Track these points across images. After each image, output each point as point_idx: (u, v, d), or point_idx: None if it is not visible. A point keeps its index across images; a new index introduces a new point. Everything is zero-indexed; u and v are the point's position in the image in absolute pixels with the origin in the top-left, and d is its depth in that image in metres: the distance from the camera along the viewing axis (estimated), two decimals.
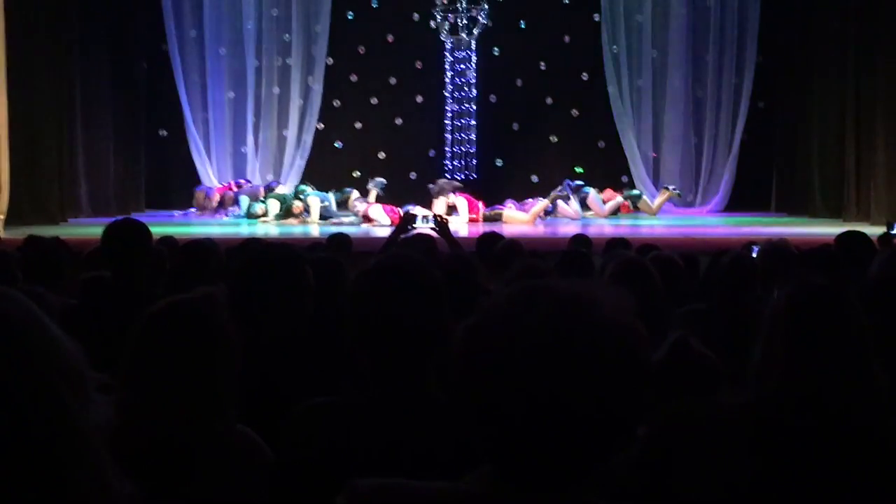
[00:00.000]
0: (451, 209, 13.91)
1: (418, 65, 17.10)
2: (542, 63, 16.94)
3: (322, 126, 16.58)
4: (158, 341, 2.32)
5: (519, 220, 13.87)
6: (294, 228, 13.67)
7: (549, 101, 16.65)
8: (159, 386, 2.29)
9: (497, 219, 13.96)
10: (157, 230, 7.01)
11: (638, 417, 1.38)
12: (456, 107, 16.53)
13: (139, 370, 2.31)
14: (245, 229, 13.22)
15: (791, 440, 2.15)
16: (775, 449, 2.15)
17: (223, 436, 2.34)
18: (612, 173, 16.11)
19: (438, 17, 16.23)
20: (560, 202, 14.47)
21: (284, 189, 15.21)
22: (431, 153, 16.58)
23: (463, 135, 16.09)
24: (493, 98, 16.80)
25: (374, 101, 16.47)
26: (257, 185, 15.52)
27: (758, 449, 2.16)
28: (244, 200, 15.06)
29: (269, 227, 13.73)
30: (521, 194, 14.98)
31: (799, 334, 2.18)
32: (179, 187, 17.24)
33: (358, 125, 16.33)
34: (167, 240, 6.71)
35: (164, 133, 17.01)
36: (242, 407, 2.42)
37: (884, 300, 3.25)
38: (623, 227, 13.40)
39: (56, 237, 6.66)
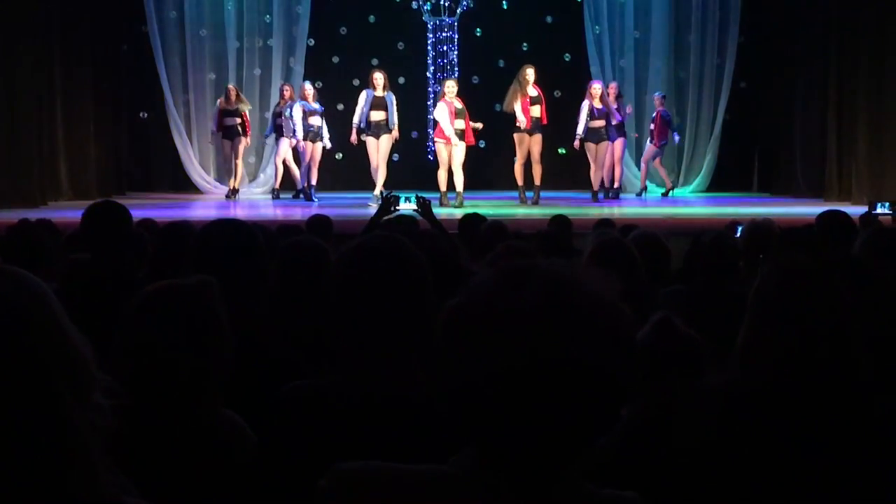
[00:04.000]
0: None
1: (400, 46, 17.05)
2: (525, 44, 16.91)
3: None
4: (151, 323, 2.30)
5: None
6: (271, 211, 13.58)
7: None
8: (150, 369, 2.27)
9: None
10: (138, 213, 6.98)
11: (623, 397, 1.37)
12: (438, 88, 16.48)
13: (130, 351, 2.29)
14: (221, 212, 13.12)
15: (777, 419, 2.15)
16: (761, 428, 2.15)
17: (208, 420, 2.33)
18: None
19: None
20: None
21: None
22: (414, 134, 16.55)
23: None
24: (475, 79, 16.78)
25: (355, 82, 16.40)
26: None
27: (744, 429, 2.16)
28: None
29: (244, 209, 13.64)
30: (505, 175, 14.94)
31: (787, 314, 2.18)
32: (161, 170, 17.17)
33: (340, 107, 16.26)
34: (147, 222, 6.67)
35: (144, 115, 16.92)
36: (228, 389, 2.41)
37: (867, 279, 3.25)
38: (605, 207, 13.41)
39: (40, 219, 6.62)
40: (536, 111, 13.68)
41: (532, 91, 13.68)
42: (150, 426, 2.24)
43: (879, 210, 8.41)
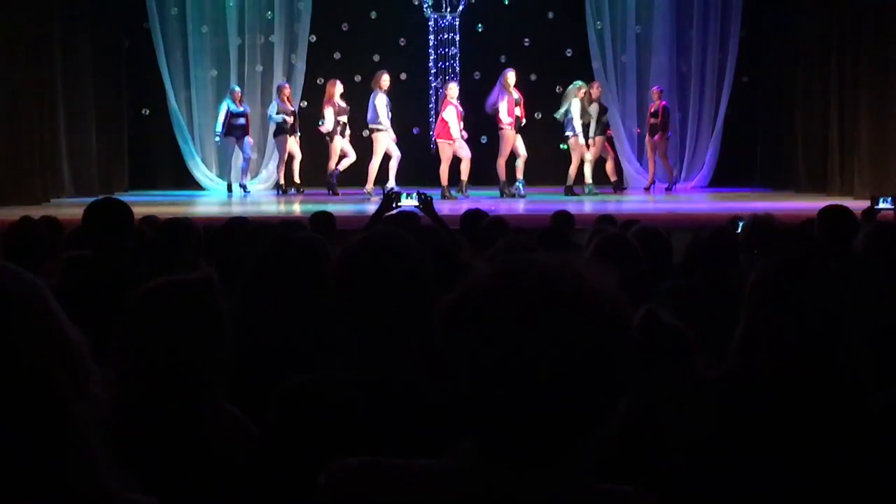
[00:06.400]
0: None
1: (402, 42, 17.05)
2: (526, 39, 16.91)
3: (306, 104, 16.50)
4: (153, 319, 2.30)
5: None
6: (276, 206, 13.64)
7: (533, 77, 16.60)
8: (150, 364, 2.27)
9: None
10: (140, 210, 6.98)
11: (622, 390, 1.37)
12: (440, 84, 16.47)
13: (131, 347, 2.29)
14: (224, 208, 13.14)
15: (775, 411, 2.16)
16: (759, 421, 2.16)
17: (209, 415, 2.33)
18: None
19: None
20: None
21: None
22: (416, 130, 16.54)
23: None
24: (477, 75, 16.75)
25: (357, 78, 16.40)
26: None
27: (741, 421, 2.16)
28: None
29: (250, 206, 13.67)
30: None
31: (783, 305, 2.18)
32: (162, 167, 17.18)
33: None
34: (149, 219, 6.68)
35: (146, 112, 16.93)
36: (228, 384, 2.41)
37: (869, 274, 3.25)
38: (607, 203, 13.41)
39: (45, 216, 6.63)
40: (519, 112, 14.28)
41: (515, 94, 14.22)
42: (150, 421, 2.25)
43: (882, 205, 8.35)
